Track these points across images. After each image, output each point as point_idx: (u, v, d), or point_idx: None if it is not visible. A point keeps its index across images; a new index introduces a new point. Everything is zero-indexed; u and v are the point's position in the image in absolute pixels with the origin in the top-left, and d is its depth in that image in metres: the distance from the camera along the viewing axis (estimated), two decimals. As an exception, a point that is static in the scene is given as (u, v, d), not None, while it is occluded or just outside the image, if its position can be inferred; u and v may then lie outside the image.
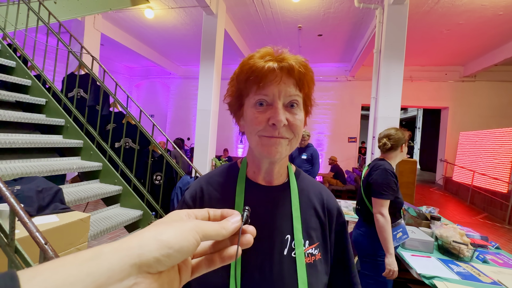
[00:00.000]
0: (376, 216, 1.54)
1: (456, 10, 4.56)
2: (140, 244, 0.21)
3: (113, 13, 5.36)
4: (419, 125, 12.96)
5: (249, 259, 0.47)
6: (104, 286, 0.18)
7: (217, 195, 0.54)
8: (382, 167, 1.63)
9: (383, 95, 3.90)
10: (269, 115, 0.46)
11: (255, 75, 0.46)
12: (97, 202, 4.23)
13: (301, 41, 6.33)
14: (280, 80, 0.46)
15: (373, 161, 1.77)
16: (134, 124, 2.70)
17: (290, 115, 0.47)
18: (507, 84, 7.18)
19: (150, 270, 0.20)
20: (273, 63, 0.45)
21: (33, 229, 0.94)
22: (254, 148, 0.50)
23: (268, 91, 0.46)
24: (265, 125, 0.46)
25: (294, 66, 0.45)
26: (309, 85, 0.49)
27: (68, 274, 0.17)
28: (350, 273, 0.57)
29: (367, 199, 1.69)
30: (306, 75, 0.47)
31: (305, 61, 0.48)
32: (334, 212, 0.57)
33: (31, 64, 2.76)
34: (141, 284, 0.20)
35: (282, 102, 0.46)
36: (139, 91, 10.29)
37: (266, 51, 0.47)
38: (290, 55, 0.47)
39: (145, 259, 0.20)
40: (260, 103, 0.47)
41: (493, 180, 5.68)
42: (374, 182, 1.60)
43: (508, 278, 1.51)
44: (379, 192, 1.55)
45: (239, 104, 0.52)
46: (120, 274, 0.19)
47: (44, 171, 1.99)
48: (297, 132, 0.48)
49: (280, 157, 0.48)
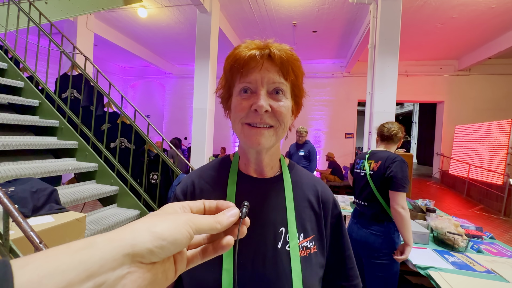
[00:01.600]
0: (397, 210, 1.46)
1: (449, 3, 4.58)
2: (133, 235, 0.21)
3: (105, 13, 5.31)
4: (415, 120, 13.05)
5: (242, 252, 0.46)
6: (96, 274, 0.18)
7: (209, 188, 0.54)
8: (398, 159, 1.54)
9: (378, 90, 3.91)
10: (252, 101, 0.46)
11: (238, 62, 0.46)
12: (94, 203, 4.22)
13: (296, 37, 6.32)
14: (261, 67, 0.45)
15: (378, 153, 1.67)
16: (129, 124, 2.69)
17: (274, 101, 0.46)
18: (501, 77, 7.24)
19: (143, 260, 0.21)
20: (255, 51, 0.45)
21: (27, 228, 0.94)
22: (239, 137, 0.49)
23: (251, 78, 0.46)
24: (248, 112, 0.46)
25: (275, 52, 0.45)
26: (295, 73, 0.48)
27: (60, 262, 0.17)
28: (346, 265, 0.55)
29: (380, 195, 1.58)
30: (289, 62, 0.47)
31: (289, 49, 0.47)
32: (330, 204, 0.56)
33: (23, 65, 2.73)
34: (135, 273, 0.20)
35: (265, 89, 0.46)
36: (134, 92, 10.23)
37: (253, 41, 0.48)
38: (274, 43, 0.47)
39: (138, 250, 0.20)
40: (244, 90, 0.47)
41: (489, 172, 5.73)
42: (395, 175, 1.50)
43: (502, 266, 1.53)
44: (401, 185, 1.48)
45: (228, 95, 0.52)
46: (113, 263, 0.19)
47: (39, 172, 1.98)
48: (282, 119, 0.47)
49: (264, 147, 0.47)
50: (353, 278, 0.55)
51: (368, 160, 1.70)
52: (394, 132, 1.66)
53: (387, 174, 1.53)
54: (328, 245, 0.54)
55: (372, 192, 1.61)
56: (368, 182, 1.64)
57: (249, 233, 0.45)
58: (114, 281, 0.19)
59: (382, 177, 1.56)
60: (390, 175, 1.51)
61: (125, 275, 0.19)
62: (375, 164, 1.64)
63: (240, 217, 0.30)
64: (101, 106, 2.74)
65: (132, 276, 0.20)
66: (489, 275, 1.42)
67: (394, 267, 1.55)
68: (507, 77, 7.18)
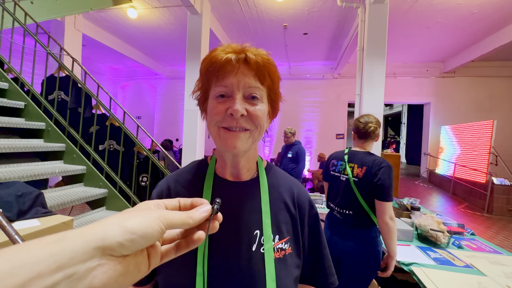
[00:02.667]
0: (386, 221, 1.35)
1: (434, 8, 4.74)
2: (104, 230, 0.22)
3: (94, 13, 5.23)
4: (404, 121, 13.35)
5: (216, 255, 0.47)
6: (66, 266, 0.19)
7: (185, 192, 0.54)
8: (385, 164, 1.41)
9: (367, 92, 4.00)
10: (228, 105, 0.46)
11: (214, 66, 0.46)
12: (82, 207, 4.13)
13: (287, 40, 6.38)
14: (237, 71, 0.45)
15: (360, 156, 1.51)
16: (118, 126, 2.67)
17: (250, 106, 0.47)
18: (484, 79, 7.51)
19: (114, 253, 0.21)
20: (231, 55, 0.45)
21: (12, 232, 0.93)
22: (214, 140, 0.49)
23: (226, 82, 0.46)
24: (223, 116, 0.46)
25: (251, 57, 0.45)
26: (271, 78, 0.48)
27: (31, 255, 0.18)
28: (324, 264, 0.57)
29: (365, 202, 1.44)
30: (265, 67, 0.47)
31: (266, 54, 0.48)
32: (306, 205, 0.56)
33: (7, 66, 2.67)
34: (105, 265, 0.21)
35: (242, 94, 0.46)
36: (124, 93, 10.08)
37: (229, 45, 0.47)
38: (251, 48, 0.47)
39: (108, 243, 0.21)
40: (221, 95, 0.47)
41: (473, 171, 5.94)
42: (383, 183, 1.37)
43: (480, 261, 1.61)
44: (389, 194, 1.36)
45: (205, 98, 0.51)
46: (83, 256, 0.20)
47: (24, 176, 1.94)
48: (258, 122, 0.47)
49: (239, 150, 0.47)
50: (329, 276, 0.57)
51: (349, 163, 1.54)
52: (371, 130, 1.51)
53: (374, 183, 1.39)
54: (306, 246, 0.55)
55: (357, 201, 1.46)
56: (351, 189, 1.48)
57: (224, 236, 0.47)
58: (84, 272, 0.20)
59: (369, 186, 1.42)
60: (378, 183, 1.38)
61: (96, 267, 0.20)
62: (359, 170, 1.48)
63: (212, 214, 0.31)
64: (89, 108, 2.70)
65: (102, 268, 0.21)
66: (468, 269, 1.49)
67: (373, 276, 1.48)
68: (490, 79, 7.46)
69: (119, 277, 0.22)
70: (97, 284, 0.20)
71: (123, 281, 0.22)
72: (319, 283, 0.57)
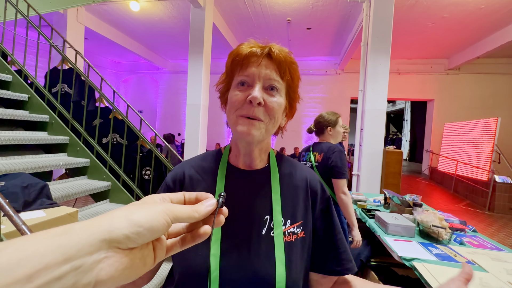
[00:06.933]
0: (340, 196, 1.65)
1: (440, 3, 4.67)
2: (111, 222, 0.22)
3: (97, 5, 5.20)
4: (407, 118, 13.27)
5: (228, 239, 0.49)
6: (73, 258, 0.19)
7: (198, 177, 0.56)
8: (337, 149, 1.72)
9: (370, 88, 3.97)
10: (247, 93, 0.49)
11: (239, 57, 0.50)
12: (86, 199, 4.18)
13: (290, 34, 6.33)
14: (260, 62, 0.49)
15: (320, 145, 1.85)
16: (121, 119, 2.67)
17: (268, 96, 0.49)
18: (489, 76, 7.43)
19: (120, 246, 0.22)
20: (256, 48, 0.49)
21: (19, 222, 0.95)
22: (232, 128, 0.52)
23: (249, 71, 0.49)
24: (243, 103, 0.49)
25: (275, 51, 0.49)
26: (291, 75, 0.52)
27: (38, 246, 0.18)
28: (338, 249, 0.56)
29: (325, 182, 1.73)
30: (287, 62, 0.50)
31: (289, 52, 0.51)
32: (318, 189, 0.58)
33: (11, 59, 2.66)
34: (112, 258, 0.21)
35: (261, 84, 0.49)
36: (127, 86, 10.07)
37: (256, 42, 0.51)
38: (275, 44, 0.51)
39: (115, 236, 0.21)
40: (241, 83, 0.50)
41: (475, 169, 5.92)
42: (335, 164, 1.68)
43: (481, 257, 1.61)
44: (341, 173, 1.66)
45: (226, 88, 0.55)
46: (90, 248, 0.20)
47: (29, 168, 1.95)
48: (273, 114, 0.50)
49: (253, 138, 0.49)
50: (346, 262, 0.55)
51: (313, 152, 1.89)
52: (321, 126, 1.89)
53: (330, 164, 1.71)
54: (318, 229, 0.56)
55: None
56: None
57: (235, 221, 0.49)
58: (91, 264, 0.20)
59: (326, 168, 1.73)
60: (332, 164, 1.69)
61: (102, 259, 0.20)
62: (319, 156, 1.81)
63: (217, 207, 0.31)
64: (93, 101, 2.70)
65: (109, 260, 0.21)
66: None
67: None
68: (494, 76, 7.38)
69: (125, 269, 0.22)
70: (104, 277, 0.20)
71: (129, 274, 0.23)
72: (335, 270, 0.55)
